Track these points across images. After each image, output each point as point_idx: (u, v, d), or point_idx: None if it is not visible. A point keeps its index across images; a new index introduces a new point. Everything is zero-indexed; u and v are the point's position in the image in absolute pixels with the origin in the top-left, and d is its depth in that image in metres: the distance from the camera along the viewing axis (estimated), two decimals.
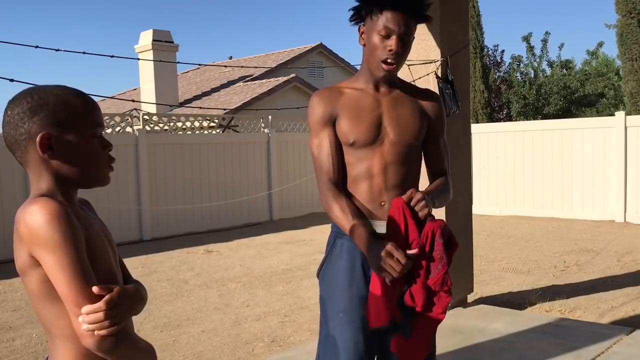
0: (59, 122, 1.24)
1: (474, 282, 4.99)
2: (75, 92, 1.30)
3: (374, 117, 1.96)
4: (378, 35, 1.91)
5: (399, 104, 2.01)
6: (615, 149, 9.58)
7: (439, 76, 4.43)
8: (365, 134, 1.94)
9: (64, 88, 1.30)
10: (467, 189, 4.87)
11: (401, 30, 1.89)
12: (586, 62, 19.62)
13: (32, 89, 1.28)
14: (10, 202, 7.87)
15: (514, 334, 4.01)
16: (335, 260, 2.01)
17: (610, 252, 7.20)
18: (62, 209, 1.17)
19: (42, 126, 1.23)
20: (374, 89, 2.01)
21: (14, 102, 1.26)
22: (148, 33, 15.69)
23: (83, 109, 1.27)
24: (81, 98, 1.29)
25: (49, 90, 1.27)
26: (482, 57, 16.76)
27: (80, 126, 1.26)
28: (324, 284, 2.03)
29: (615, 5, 13.36)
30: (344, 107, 1.98)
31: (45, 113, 1.23)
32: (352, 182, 1.98)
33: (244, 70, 16.75)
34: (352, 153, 1.97)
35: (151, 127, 10.35)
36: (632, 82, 13.38)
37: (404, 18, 1.89)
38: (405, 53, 1.95)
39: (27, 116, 1.24)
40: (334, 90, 2.03)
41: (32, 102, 1.24)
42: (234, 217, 10.59)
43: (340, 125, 1.97)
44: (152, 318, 5.08)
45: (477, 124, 12.90)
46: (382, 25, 1.89)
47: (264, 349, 4.27)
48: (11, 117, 1.25)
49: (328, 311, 1.98)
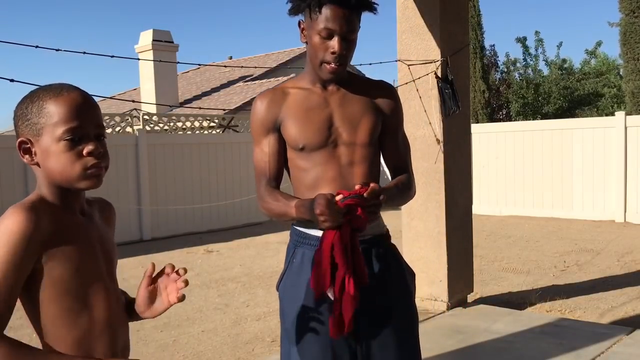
0: (34, 127, 1.26)
1: (474, 282, 4.99)
2: (58, 92, 1.27)
3: (322, 117, 1.81)
4: (318, 36, 1.75)
5: (349, 101, 1.85)
6: (616, 149, 9.58)
7: (438, 76, 4.43)
8: (315, 136, 1.80)
9: (48, 88, 1.29)
10: (467, 189, 4.87)
11: (343, 30, 1.73)
12: (585, 62, 19.59)
13: (29, 93, 1.30)
14: (10, 202, 7.86)
15: (514, 334, 4.01)
16: (297, 271, 1.85)
17: (610, 252, 7.20)
18: (23, 229, 1.17)
19: (22, 132, 1.28)
20: (322, 88, 1.86)
21: (15, 107, 1.31)
22: (148, 33, 15.68)
23: (58, 113, 1.25)
24: (62, 99, 1.26)
25: (35, 93, 1.29)
26: (482, 57, 16.75)
27: (52, 130, 1.25)
28: (286, 297, 1.86)
29: (619, 4, 13.30)
30: (289, 109, 1.83)
31: (23, 119, 1.27)
32: (310, 188, 1.83)
33: (244, 70, 16.74)
34: (306, 158, 1.82)
35: (151, 127, 10.36)
36: (634, 81, 13.34)
37: (346, 14, 1.72)
38: (351, 52, 1.79)
39: (15, 122, 1.30)
40: (278, 91, 1.87)
41: (19, 108, 1.29)
42: (234, 217, 10.59)
43: (287, 129, 1.82)
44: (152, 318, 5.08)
45: (477, 124, 12.90)
46: (322, 25, 1.73)
47: (264, 349, 4.27)
48: (13, 121, 1.32)
49: (292, 326, 1.82)
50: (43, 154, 1.26)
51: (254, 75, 16.34)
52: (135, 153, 9.35)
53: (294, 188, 1.92)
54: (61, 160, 1.25)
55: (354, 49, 1.81)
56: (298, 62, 17.11)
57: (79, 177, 1.26)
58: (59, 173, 1.26)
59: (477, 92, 16.64)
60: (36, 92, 1.29)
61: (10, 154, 8.08)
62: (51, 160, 1.26)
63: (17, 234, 1.17)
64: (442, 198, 4.51)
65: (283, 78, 15.44)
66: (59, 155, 1.25)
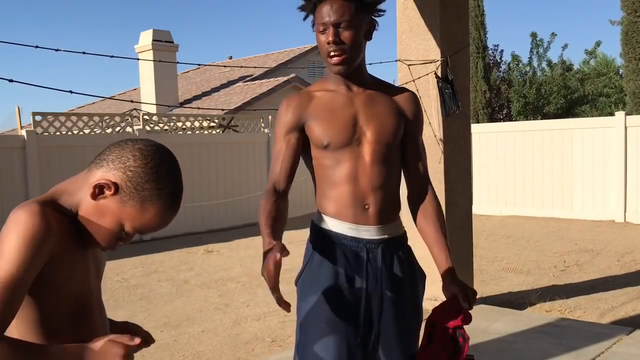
0: (132, 197, 1.26)
1: (474, 282, 4.99)
2: (169, 206, 1.31)
3: (347, 116, 1.85)
4: (318, 33, 1.84)
5: (374, 102, 1.90)
6: (616, 149, 9.58)
7: (438, 76, 4.43)
8: (340, 134, 1.84)
9: (169, 192, 1.30)
10: (467, 189, 4.87)
11: (332, 19, 1.78)
12: (585, 62, 19.59)
13: (163, 168, 1.30)
14: (10, 202, 7.87)
15: (514, 334, 4.01)
16: (317, 266, 1.87)
17: (610, 252, 7.20)
18: (40, 229, 1.18)
19: (119, 177, 1.26)
20: (347, 89, 1.90)
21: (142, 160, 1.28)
22: (148, 33, 15.68)
23: (149, 221, 1.29)
24: (165, 215, 1.30)
25: (162, 180, 1.29)
26: (484, 57, 16.74)
27: (132, 218, 1.28)
28: (304, 291, 1.89)
29: (621, 3, 13.27)
30: (314, 110, 1.87)
31: (134, 183, 1.26)
32: (333, 186, 1.86)
33: (244, 70, 16.74)
34: (329, 156, 1.86)
35: (151, 127, 10.35)
36: (635, 81, 13.32)
37: (334, 6, 1.78)
38: (351, 40, 1.81)
39: (122, 166, 1.27)
40: (304, 95, 1.92)
41: (144, 168, 1.26)
42: (234, 217, 10.59)
43: (312, 129, 1.86)
44: (152, 318, 5.08)
45: (477, 124, 12.90)
46: (319, 22, 1.82)
47: (264, 349, 4.27)
48: (116, 154, 1.29)
49: (309, 320, 1.85)
50: (108, 209, 1.26)
51: (254, 75, 16.34)
52: None
53: (316, 186, 1.94)
54: (103, 231, 1.28)
55: (355, 38, 1.82)
56: (298, 62, 17.11)
57: (97, 246, 1.32)
58: (93, 231, 1.28)
59: (478, 92, 16.63)
60: (163, 179, 1.28)
61: (10, 154, 8.08)
62: (103, 221, 1.27)
63: (34, 233, 1.17)
64: (442, 198, 4.51)
65: (283, 78, 15.44)
66: (108, 227, 1.27)
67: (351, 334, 1.82)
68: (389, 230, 1.89)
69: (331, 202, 1.87)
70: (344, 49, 1.81)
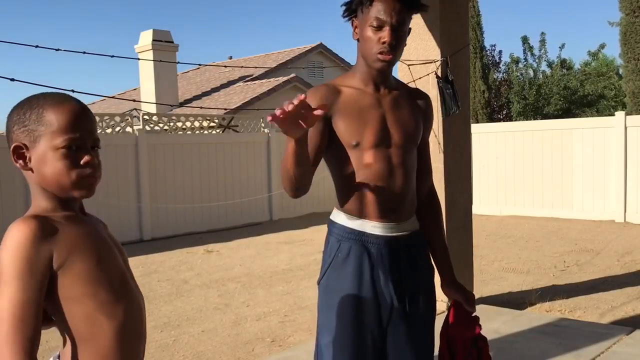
0: (32, 133, 1.27)
1: (474, 282, 4.99)
2: (60, 102, 1.29)
3: (377, 118, 1.87)
4: (370, 27, 1.83)
5: (400, 104, 1.93)
6: (615, 149, 9.58)
7: (439, 76, 4.43)
8: (371, 135, 1.85)
9: (48, 96, 1.31)
10: (467, 189, 4.87)
11: (393, 20, 1.80)
12: (586, 63, 19.59)
13: (26, 100, 1.32)
14: (10, 202, 7.87)
15: (514, 334, 4.01)
16: (341, 264, 1.89)
17: (610, 252, 7.20)
18: (30, 236, 1.19)
19: (17, 137, 1.29)
20: (374, 89, 1.92)
21: (10, 112, 1.32)
22: (148, 33, 15.68)
23: (59, 122, 1.27)
24: (63, 108, 1.28)
25: (33, 100, 1.30)
26: (482, 57, 16.75)
27: (50, 138, 1.27)
28: (329, 289, 1.91)
29: (620, 3, 13.26)
30: (343, 106, 1.87)
31: (20, 125, 1.28)
32: (359, 185, 1.88)
33: (244, 70, 16.74)
34: (357, 156, 1.87)
35: (151, 127, 10.35)
36: (634, 81, 13.32)
37: (396, 7, 1.81)
38: (400, 45, 1.86)
39: (9, 127, 1.30)
40: (331, 87, 1.92)
41: (16, 113, 1.30)
42: (234, 217, 10.59)
43: (339, 125, 1.86)
44: (152, 318, 5.08)
45: (477, 124, 12.89)
46: (374, 16, 1.81)
47: (264, 349, 4.27)
48: (6, 126, 1.32)
49: (333, 317, 1.87)
50: (39, 160, 1.28)
51: (254, 75, 16.34)
52: (135, 153, 9.35)
53: (339, 184, 1.93)
54: (57, 168, 1.27)
55: (403, 43, 1.87)
56: (298, 62, 17.11)
57: (73, 186, 1.29)
58: (53, 180, 1.28)
59: (477, 92, 16.64)
60: (35, 99, 1.30)
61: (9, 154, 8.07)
62: (47, 167, 1.27)
63: (25, 242, 1.18)
64: (442, 198, 4.51)
65: (283, 78, 15.44)
66: (55, 162, 1.27)
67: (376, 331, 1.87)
68: (409, 226, 1.94)
69: (356, 201, 1.88)
70: (394, 53, 1.85)
